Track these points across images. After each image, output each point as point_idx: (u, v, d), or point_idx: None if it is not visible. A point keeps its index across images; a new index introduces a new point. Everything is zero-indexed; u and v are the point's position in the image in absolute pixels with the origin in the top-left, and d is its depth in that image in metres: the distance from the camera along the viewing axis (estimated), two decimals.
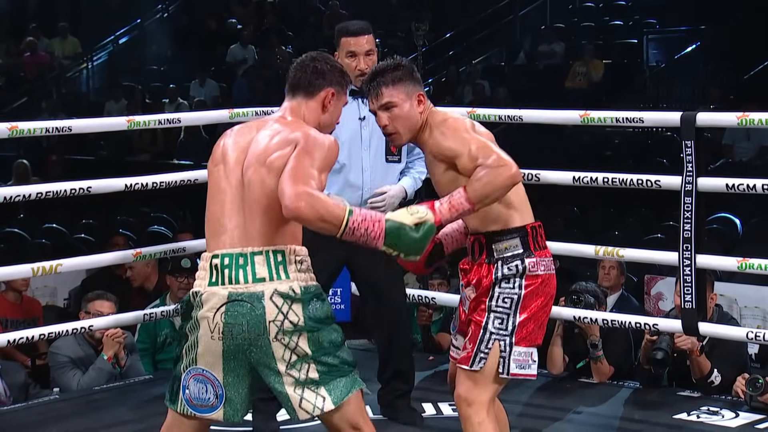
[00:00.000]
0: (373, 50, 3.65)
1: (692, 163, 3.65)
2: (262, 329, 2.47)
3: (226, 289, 2.48)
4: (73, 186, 3.92)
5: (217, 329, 2.48)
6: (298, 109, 2.66)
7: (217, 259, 2.50)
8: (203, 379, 2.52)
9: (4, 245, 6.89)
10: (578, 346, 4.28)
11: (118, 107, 11.55)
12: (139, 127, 4.20)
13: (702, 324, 3.74)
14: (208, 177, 2.64)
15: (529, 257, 2.82)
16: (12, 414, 3.97)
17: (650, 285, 5.46)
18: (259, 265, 2.48)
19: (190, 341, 2.54)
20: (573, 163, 7.27)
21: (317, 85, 2.66)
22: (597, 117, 3.93)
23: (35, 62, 13.13)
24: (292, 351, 2.49)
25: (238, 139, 2.61)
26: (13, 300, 5.18)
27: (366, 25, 3.67)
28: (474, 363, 2.80)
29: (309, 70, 2.67)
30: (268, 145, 2.55)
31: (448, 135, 2.77)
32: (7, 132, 3.77)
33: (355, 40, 3.61)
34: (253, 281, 2.48)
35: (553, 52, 11.58)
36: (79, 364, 4.36)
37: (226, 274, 2.49)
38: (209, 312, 2.49)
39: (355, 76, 3.59)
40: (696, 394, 4.02)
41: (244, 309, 2.47)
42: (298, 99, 2.67)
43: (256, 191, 2.52)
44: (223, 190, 2.56)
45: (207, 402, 2.53)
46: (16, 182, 8.51)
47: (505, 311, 2.80)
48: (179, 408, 2.58)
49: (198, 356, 2.52)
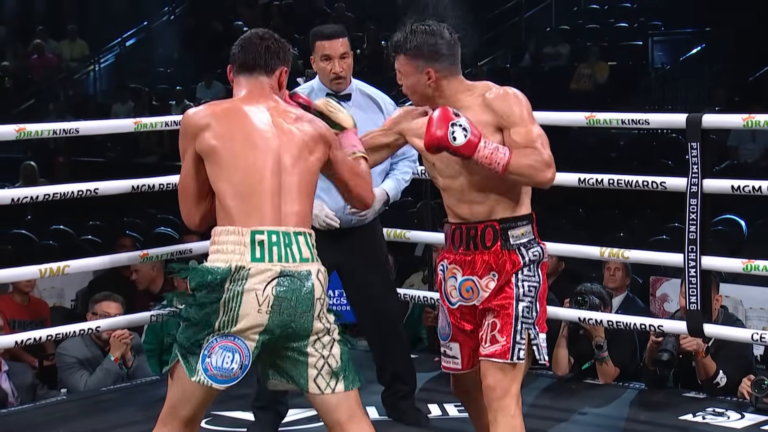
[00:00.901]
0: (347, 53, 3.63)
1: (698, 164, 3.66)
2: (309, 306, 2.52)
3: (276, 266, 2.50)
4: (80, 188, 3.93)
5: (266, 302, 2.48)
6: (264, 87, 2.66)
7: (262, 236, 2.50)
8: (233, 348, 2.50)
9: (11, 247, 6.91)
10: (583, 348, 4.29)
11: (125, 109, 11.59)
12: (146, 129, 4.22)
13: (707, 325, 3.74)
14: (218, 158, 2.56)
15: (539, 245, 2.85)
16: (20, 414, 3.99)
17: (655, 286, 5.46)
18: (303, 246, 2.55)
19: (225, 317, 2.48)
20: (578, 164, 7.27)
21: (273, 63, 2.67)
22: (603, 119, 3.94)
23: (43, 64, 13.18)
24: (327, 330, 2.56)
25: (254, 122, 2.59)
26: (20, 301, 5.21)
27: (340, 29, 3.66)
28: (513, 355, 2.75)
29: (262, 48, 2.66)
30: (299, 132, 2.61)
31: (512, 102, 2.77)
32: (14, 134, 3.79)
33: (329, 43, 3.59)
34: (300, 260, 2.53)
35: (558, 54, 11.59)
36: (86, 365, 4.38)
37: (275, 251, 2.51)
38: (259, 285, 2.48)
39: (330, 79, 3.59)
40: (701, 396, 4.03)
41: (295, 284, 2.51)
42: (258, 77, 2.66)
43: (296, 176, 2.57)
44: (254, 169, 2.54)
45: (229, 372, 2.50)
46: (24, 184, 8.55)
47: (532, 298, 2.79)
48: (196, 377, 2.51)
49: (233, 326, 2.48)
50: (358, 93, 3.70)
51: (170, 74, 12.84)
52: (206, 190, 2.62)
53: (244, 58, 2.67)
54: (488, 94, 2.79)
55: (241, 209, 2.54)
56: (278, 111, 2.64)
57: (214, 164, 2.56)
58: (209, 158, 2.57)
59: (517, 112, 2.76)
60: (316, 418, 3.68)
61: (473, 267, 2.83)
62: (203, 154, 2.58)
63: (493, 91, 2.80)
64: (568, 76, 11.03)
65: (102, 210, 7.86)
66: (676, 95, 10.50)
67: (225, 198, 2.55)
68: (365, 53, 12.31)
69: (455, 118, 2.66)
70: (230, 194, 2.55)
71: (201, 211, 2.64)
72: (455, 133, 2.64)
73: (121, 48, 13.79)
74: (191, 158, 2.60)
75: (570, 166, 4.12)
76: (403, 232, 4.46)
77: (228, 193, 2.55)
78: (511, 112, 2.76)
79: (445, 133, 2.65)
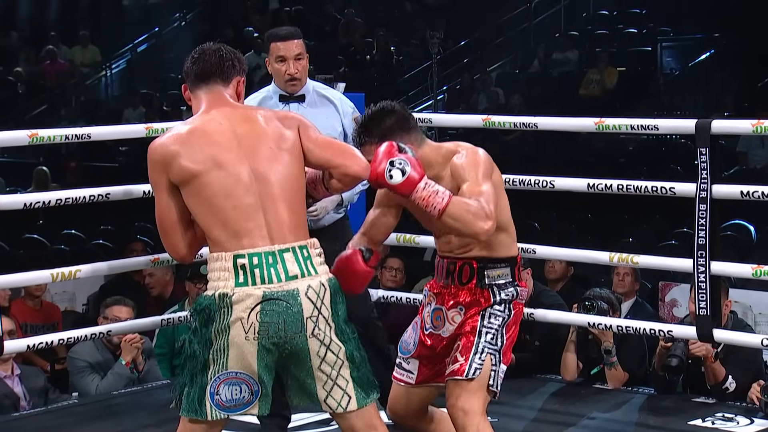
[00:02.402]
0: (302, 54, 3.61)
1: (707, 170, 3.66)
2: (300, 327, 2.46)
3: (259, 289, 2.44)
4: (92, 192, 3.96)
5: (252, 329, 2.43)
6: (222, 96, 2.60)
7: (244, 259, 2.44)
8: (237, 382, 2.47)
9: (23, 251, 6.94)
10: (592, 353, 4.29)
11: (137, 114, 11.63)
12: (158, 135, 4.23)
13: (717, 331, 3.75)
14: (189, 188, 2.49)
15: (517, 286, 2.93)
16: (32, 418, 4.01)
17: (664, 291, 5.46)
18: (290, 263, 2.46)
19: (217, 346, 2.46)
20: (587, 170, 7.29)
21: (229, 73, 2.62)
22: (612, 124, 3.95)
23: (55, 70, 13.25)
24: (327, 347, 2.49)
25: (217, 139, 2.50)
26: (32, 305, 5.23)
27: (295, 30, 3.66)
28: (469, 372, 2.83)
29: (215, 58, 2.62)
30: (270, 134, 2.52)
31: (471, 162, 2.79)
32: (27, 139, 3.82)
33: (284, 44, 3.59)
34: (286, 279, 2.46)
35: (567, 60, 11.60)
36: (97, 369, 4.40)
37: (257, 273, 2.44)
38: (243, 313, 2.43)
39: (284, 81, 3.59)
40: (711, 401, 4.03)
41: (281, 308, 2.44)
42: (215, 86, 2.60)
43: (276, 184, 2.49)
44: (230, 192, 2.47)
45: (242, 401, 2.49)
46: (36, 189, 8.57)
47: (496, 329, 2.88)
48: (210, 415, 2.49)
49: (230, 360, 2.45)
50: (313, 94, 3.69)
51: (181, 80, 12.83)
52: (187, 217, 2.54)
53: (199, 68, 2.62)
54: (456, 159, 2.82)
55: (223, 234, 2.47)
56: (238, 116, 2.56)
57: (189, 193, 2.49)
58: (184, 186, 2.49)
59: (474, 171, 2.78)
60: (323, 422, 3.71)
61: (444, 299, 2.93)
62: (178, 183, 2.50)
63: (462, 154, 2.82)
64: (577, 81, 11.04)
65: (113, 215, 7.90)
66: (684, 101, 10.50)
67: (206, 226, 2.49)
68: (375, 59, 12.34)
69: (396, 155, 2.64)
70: (210, 222, 2.48)
71: (187, 241, 2.55)
72: (392, 171, 2.63)
73: (133, 54, 13.84)
74: (166, 189, 2.51)
75: (579, 172, 4.14)
76: (412, 237, 4.48)
77: (208, 221, 2.48)
78: (467, 171, 2.79)
79: (383, 169, 2.64)
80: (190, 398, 2.51)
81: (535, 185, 4.10)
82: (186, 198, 2.51)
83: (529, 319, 4.19)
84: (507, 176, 4.17)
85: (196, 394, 2.50)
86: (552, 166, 7.50)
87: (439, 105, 10.12)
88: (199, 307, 2.49)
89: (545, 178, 4.07)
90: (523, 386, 4.27)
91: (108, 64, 13.63)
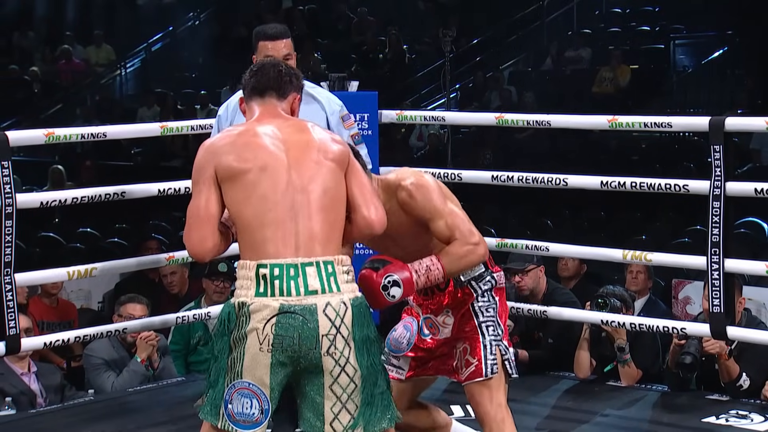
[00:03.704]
0: (291, 54, 3.56)
1: (721, 167, 3.66)
2: (314, 343, 2.41)
3: (277, 301, 2.41)
4: (107, 191, 3.98)
5: (266, 341, 2.41)
6: (276, 109, 2.60)
7: (266, 269, 2.42)
8: (249, 394, 2.43)
9: (40, 249, 6.98)
10: (606, 350, 4.30)
11: (151, 113, 11.68)
12: (172, 133, 4.27)
13: (730, 328, 3.75)
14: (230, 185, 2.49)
15: (492, 273, 2.98)
16: (48, 415, 4.04)
17: (678, 289, 5.46)
18: (311, 277, 2.42)
19: (234, 354, 2.44)
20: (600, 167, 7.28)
21: (286, 88, 2.62)
22: (625, 122, 3.95)
23: (70, 69, 13.32)
24: (342, 368, 2.44)
25: (265, 143, 2.50)
26: (49, 303, 5.26)
27: (284, 29, 3.61)
28: (487, 371, 2.91)
29: (273, 73, 2.62)
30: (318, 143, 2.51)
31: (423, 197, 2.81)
32: (44, 138, 3.85)
33: (273, 44, 3.55)
34: (305, 294, 2.42)
35: (579, 58, 11.59)
36: (113, 366, 4.43)
37: (277, 285, 2.41)
38: (259, 323, 2.41)
39: None
40: (725, 398, 4.03)
41: (297, 322, 2.40)
42: (271, 100, 2.60)
43: (313, 194, 2.47)
44: (267, 195, 2.45)
45: (251, 417, 2.44)
46: (52, 187, 8.62)
47: (493, 319, 2.95)
48: (221, 424, 2.47)
49: (244, 369, 2.43)
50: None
51: (195, 79, 12.92)
52: (219, 216, 2.51)
53: (256, 81, 2.62)
54: (400, 196, 2.83)
55: (252, 241, 2.45)
56: (289, 125, 2.55)
57: (230, 190, 2.48)
58: (227, 183, 2.48)
59: (430, 206, 2.82)
60: None
61: (429, 308, 3.00)
62: (222, 179, 2.49)
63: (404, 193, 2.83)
64: (590, 79, 11.02)
65: (128, 213, 7.93)
66: (698, 98, 10.48)
67: (240, 226, 2.48)
68: (387, 58, 12.35)
69: (381, 281, 2.71)
70: (243, 226, 2.47)
71: (215, 238, 2.50)
72: (390, 292, 2.73)
73: (147, 53, 13.90)
74: (211, 182, 2.49)
75: (592, 170, 4.14)
76: None
77: (242, 220, 2.47)
78: (424, 208, 2.82)
79: (384, 300, 2.73)
80: (211, 401, 2.50)
81: (548, 183, 4.10)
82: (226, 196, 2.48)
83: (542, 316, 4.20)
84: (520, 174, 4.20)
85: (216, 398, 2.49)
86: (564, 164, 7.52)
87: (452, 103, 10.13)
88: (222, 314, 2.50)
89: (558, 176, 4.08)
90: (537, 383, 4.28)
91: (123, 64, 13.69)
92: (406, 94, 11.42)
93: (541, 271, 4.52)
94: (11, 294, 3.64)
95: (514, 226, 7.48)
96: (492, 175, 4.31)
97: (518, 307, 4.20)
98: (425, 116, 4.91)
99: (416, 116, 4.85)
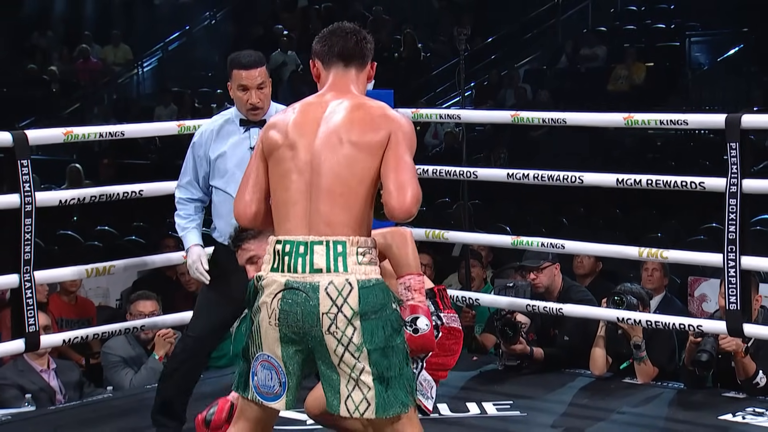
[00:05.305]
0: (265, 83, 3.52)
1: (737, 164, 3.66)
2: (315, 320, 2.43)
3: (284, 277, 2.45)
4: (125, 189, 4.02)
5: (273, 315, 2.46)
6: (354, 80, 2.56)
7: (280, 245, 2.46)
8: (269, 366, 2.49)
9: (58, 247, 7.03)
10: (622, 347, 4.30)
11: (168, 112, 11.73)
12: (190, 132, 4.29)
13: (747, 325, 3.75)
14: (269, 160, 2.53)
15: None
16: (67, 411, 4.07)
17: (694, 286, 5.45)
18: (318, 255, 2.44)
19: (254, 326, 2.51)
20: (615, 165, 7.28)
21: (367, 55, 2.58)
22: (641, 119, 3.95)
23: (88, 69, 13.40)
24: (345, 347, 2.44)
25: (303, 121, 2.51)
26: (67, 300, 5.30)
27: (258, 57, 3.55)
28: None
29: (355, 39, 2.57)
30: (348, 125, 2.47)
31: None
32: (62, 137, 3.89)
33: (247, 73, 3.49)
34: (310, 271, 2.44)
35: (595, 56, 11.57)
36: (130, 364, 4.45)
37: (286, 261, 2.45)
38: (268, 297, 2.46)
39: (246, 110, 3.53)
40: (741, 396, 4.02)
41: (300, 298, 2.44)
42: (353, 69, 2.57)
43: (325, 176, 2.45)
44: (287, 174, 2.48)
45: (272, 390, 2.50)
46: (69, 186, 8.67)
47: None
48: (249, 395, 2.54)
49: (262, 342, 2.50)
50: None
51: (211, 78, 12.98)
52: (265, 187, 2.55)
53: (340, 48, 2.56)
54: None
55: (277, 217, 2.51)
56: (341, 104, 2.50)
57: (270, 164, 2.52)
58: (269, 158, 2.53)
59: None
60: None
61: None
62: (266, 153, 2.54)
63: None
64: (605, 77, 11.00)
65: (145, 211, 7.97)
66: (713, 96, 10.44)
67: (272, 202, 2.53)
68: (403, 56, 12.36)
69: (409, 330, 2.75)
70: (272, 202, 2.53)
71: (257, 205, 2.54)
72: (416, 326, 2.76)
73: (164, 52, 13.96)
74: (260, 153, 2.55)
75: (607, 167, 4.14)
76: (441, 232, 4.50)
77: (272, 201, 2.53)
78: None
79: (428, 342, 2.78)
80: (240, 374, 2.57)
81: (564, 181, 4.11)
82: (269, 170, 2.54)
83: (558, 314, 4.21)
84: (536, 172, 4.20)
85: (245, 370, 2.55)
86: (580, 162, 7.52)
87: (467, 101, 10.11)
88: (248, 287, 2.56)
89: (574, 174, 4.08)
90: (552, 381, 4.29)
91: (140, 63, 13.76)
92: (421, 92, 11.43)
93: (557, 268, 4.53)
94: (31, 291, 3.69)
95: (529, 223, 7.49)
96: (507, 173, 4.32)
97: (534, 305, 4.21)
98: (440, 114, 4.93)
99: (432, 114, 4.86)
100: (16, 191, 3.64)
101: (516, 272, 4.59)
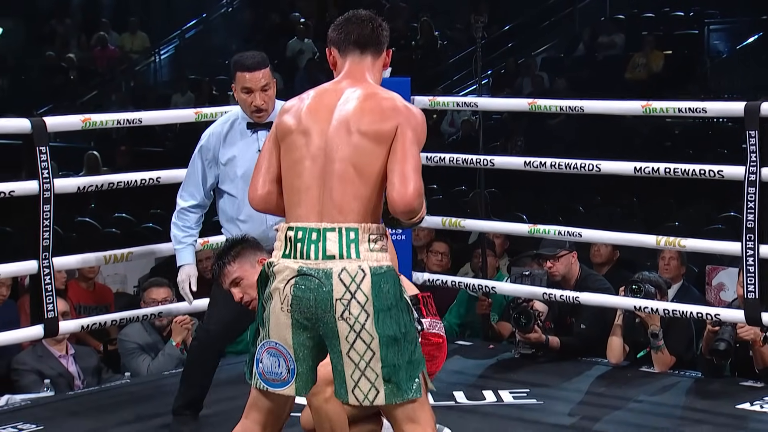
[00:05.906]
0: (269, 84, 3.51)
1: (756, 153, 3.64)
2: (329, 306, 2.43)
3: (297, 263, 2.45)
4: (143, 176, 4.04)
5: (286, 301, 2.46)
6: (369, 68, 2.56)
7: (292, 232, 2.47)
8: (276, 353, 2.49)
9: (76, 234, 7.07)
10: (639, 336, 4.29)
11: (185, 100, 11.75)
12: (207, 119, 4.30)
13: (765, 314, 3.73)
14: (282, 145, 2.53)
15: None
16: (86, 397, 4.11)
17: (711, 275, 5.43)
18: (331, 242, 2.44)
19: (265, 313, 2.51)
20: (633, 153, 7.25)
21: (383, 42, 2.58)
22: (659, 107, 3.93)
23: (106, 56, 13.44)
24: (357, 334, 2.44)
25: (317, 108, 2.51)
26: (86, 287, 5.34)
27: (262, 59, 3.53)
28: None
29: (371, 27, 2.57)
30: (359, 115, 2.46)
31: None
32: (80, 124, 3.91)
33: (250, 75, 3.48)
34: (323, 258, 2.44)
35: (612, 44, 11.51)
36: (147, 350, 4.48)
37: (299, 248, 2.45)
38: (280, 283, 2.46)
39: (251, 112, 3.52)
40: (759, 384, 4.01)
41: (313, 284, 2.44)
42: (368, 57, 2.57)
43: (337, 163, 2.45)
44: (300, 160, 2.48)
45: (279, 377, 2.50)
46: (87, 173, 8.70)
47: None
48: (254, 382, 2.55)
49: (271, 329, 2.49)
50: None
51: (228, 66, 12.98)
52: (277, 172, 2.55)
53: (356, 35, 2.56)
54: None
55: (288, 203, 2.51)
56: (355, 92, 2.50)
57: (283, 149, 2.53)
58: (282, 142, 2.53)
59: None
60: None
61: None
62: (279, 137, 2.55)
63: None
64: (623, 65, 10.95)
65: (163, 198, 7.98)
66: (732, 84, 10.37)
67: (284, 187, 2.54)
68: (419, 44, 12.33)
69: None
70: (284, 187, 2.53)
71: (267, 187, 2.55)
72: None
73: (181, 40, 13.98)
74: (273, 138, 2.56)
75: (625, 156, 4.13)
76: (457, 220, 4.50)
77: (285, 182, 2.52)
78: None
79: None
80: (248, 360, 2.57)
81: (581, 169, 4.10)
82: (281, 155, 2.54)
83: (575, 302, 4.20)
84: (553, 160, 4.19)
85: (251, 357, 2.56)
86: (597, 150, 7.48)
87: (484, 89, 10.09)
88: (260, 274, 2.57)
89: (592, 162, 4.07)
90: (569, 369, 4.29)
91: (157, 50, 13.78)
92: (438, 80, 11.40)
93: (574, 257, 4.52)
94: (49, 278, 3.71)
95: (546, 212, 7.47)
96: (524, 161, 4.31)
97: (550, 293, 4.20)
98: (457, 102, 4.92)
99: (449, 102, 4.85)
100: (34, 178, 3.66)
101: (533, 260, 4.58)
